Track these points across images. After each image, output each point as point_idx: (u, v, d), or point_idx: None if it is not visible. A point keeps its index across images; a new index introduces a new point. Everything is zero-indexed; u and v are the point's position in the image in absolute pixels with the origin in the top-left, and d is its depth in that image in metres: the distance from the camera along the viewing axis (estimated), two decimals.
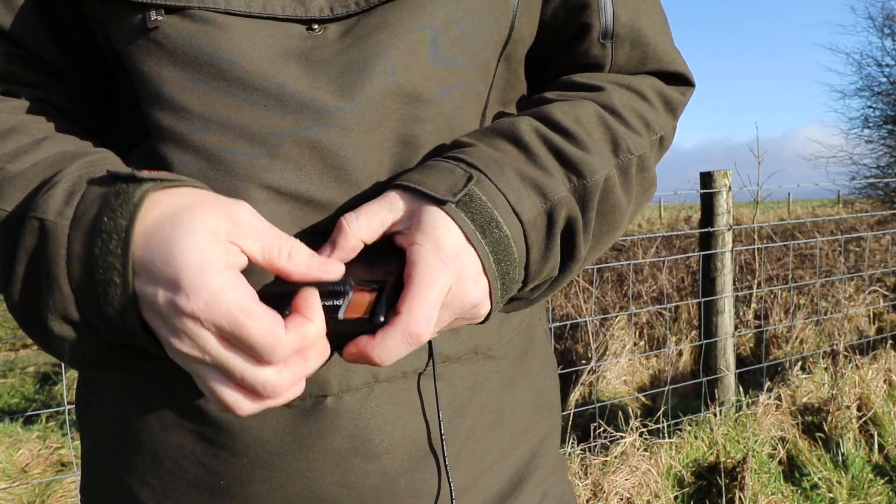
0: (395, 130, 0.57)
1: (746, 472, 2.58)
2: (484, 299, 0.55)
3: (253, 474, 0.60)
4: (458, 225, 0.53)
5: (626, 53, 0.68)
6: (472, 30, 0.60)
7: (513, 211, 0.55)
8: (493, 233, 0.54)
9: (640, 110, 0.67)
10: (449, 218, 0.53)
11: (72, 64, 0.64)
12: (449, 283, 0.51)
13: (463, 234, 0.53)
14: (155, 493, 0.62)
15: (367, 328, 0.49)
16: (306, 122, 0.54)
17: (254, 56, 0.55)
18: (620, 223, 0.64)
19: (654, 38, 0.69)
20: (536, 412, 0.72)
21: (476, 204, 0.54)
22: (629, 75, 0.70)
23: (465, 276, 0.53)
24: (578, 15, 0.66)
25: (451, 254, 0.52)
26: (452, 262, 0.52)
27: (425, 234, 0.52)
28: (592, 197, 0.59)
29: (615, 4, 0.66)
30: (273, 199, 0.54)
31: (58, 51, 0.62)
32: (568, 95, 0.65)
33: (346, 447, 0.60)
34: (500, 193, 0.55)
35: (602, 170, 0.60)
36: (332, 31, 0.57)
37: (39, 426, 3.46)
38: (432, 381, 0.62)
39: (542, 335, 0.78)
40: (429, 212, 0.53)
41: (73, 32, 0.62)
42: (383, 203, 0.54)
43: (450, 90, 0.59)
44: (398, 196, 0.54)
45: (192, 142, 0.55)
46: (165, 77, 0.55)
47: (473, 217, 0.54)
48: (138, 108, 0.60)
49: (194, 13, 0.55)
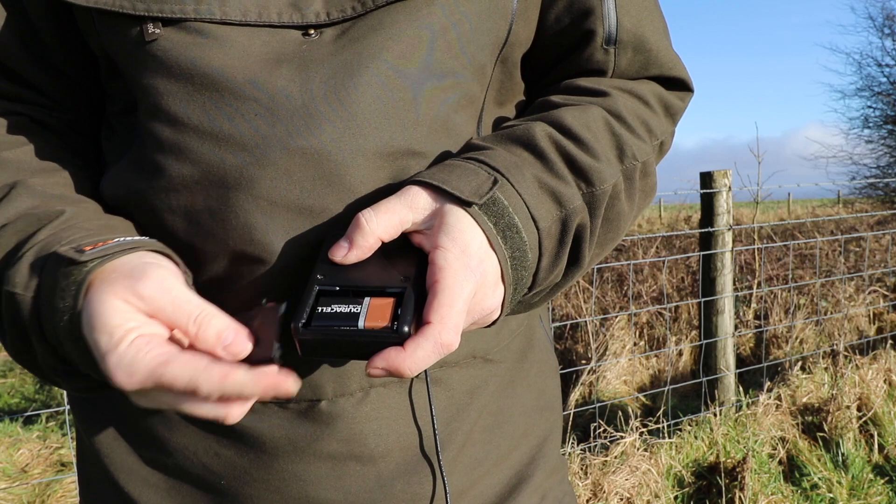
0: (389, 134, 0.56)
1: (746, 472, 2.58)
2: (498, 306, 0.54)
3: (252, 475, 0.60)
4: (481, 229, 0.52)
5: (629, 59, 0.68)
6: (470, 33, 0.60)
7: (531, 217, 0.55)
8: (514, 239, 0.54)
9: (644, 116, 0.67)
10: (473, 221, 0.52)
11: (47, 75, 0.65)
12: (475, 290, 0.51)
13: (486, 238, 0.53)
14: (158, 493, 0.63)
15: (394, 339, 0.48)
16: (297, 130, 0.54)
17: (247, 66, 0.55)
18: (622, 229, 0.64)
19: (656, 45, 0.69)
20: (536, 414, 0.72)
21: (498, 208, 0.54)
22: (630, 80, 0.70)
23: (486, 282, 0.52)
24: (582, 21, 0.66)
25: (476, 259, 0.51)
26: (478, 269, 0.51)
27: (451, 238, 0.51)
28: (600, 205, 0.59)
29: (619, 11, 0.66)
30: (265, 209, 0.54)
31: (32, 62, 0.63)
32: (574, 100, 0.65)
33: (341, 451, 0.60)
34: (520, 199, 0.55)
35: (610, 178, 0.60)
36: (327, 35, 0.57)
37: (39, 426, 3.46)
38: (426, 386, 0.62)
39: (543, 336, 0.77)
40: (453, 213, 0.52)
41: (50, 44, 0.63)
42: (403, 200, 0.53)
43: (445, 93, 0.59)
44: (419, 193, 0.53)
45: (189, 153, 0.55)
46: (162, 89, 0.56)
47: (496, 221, 0.53)
48: (131, 114, 0.61)
49: (190, 25, 0.55)
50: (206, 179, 0.55)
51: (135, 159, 0.60)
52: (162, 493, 0.63)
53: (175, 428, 0.62)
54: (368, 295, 0.50)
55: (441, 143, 0.59)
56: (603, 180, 0.59)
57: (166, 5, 0.55)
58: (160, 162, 0.56)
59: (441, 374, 0.63)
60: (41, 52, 0.63)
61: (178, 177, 0.56)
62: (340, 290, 0.50)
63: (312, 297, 0.50)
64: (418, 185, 0.54)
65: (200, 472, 0.61)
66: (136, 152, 0.59)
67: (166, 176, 0.56)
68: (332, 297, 0.50)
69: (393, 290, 0.50)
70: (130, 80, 0.58)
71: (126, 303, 0.48)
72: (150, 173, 0.57)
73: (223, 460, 0.61)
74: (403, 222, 0.53)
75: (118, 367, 0.47)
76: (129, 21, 0.56)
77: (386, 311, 0.49)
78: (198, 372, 0.47)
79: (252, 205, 0.54)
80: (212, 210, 0.56)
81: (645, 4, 0.69)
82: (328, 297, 0.51)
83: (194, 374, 0.47)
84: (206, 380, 0.47)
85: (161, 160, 0.56)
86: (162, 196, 0.57)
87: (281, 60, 0.55)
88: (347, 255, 0.52)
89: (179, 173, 0.56)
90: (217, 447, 0.61)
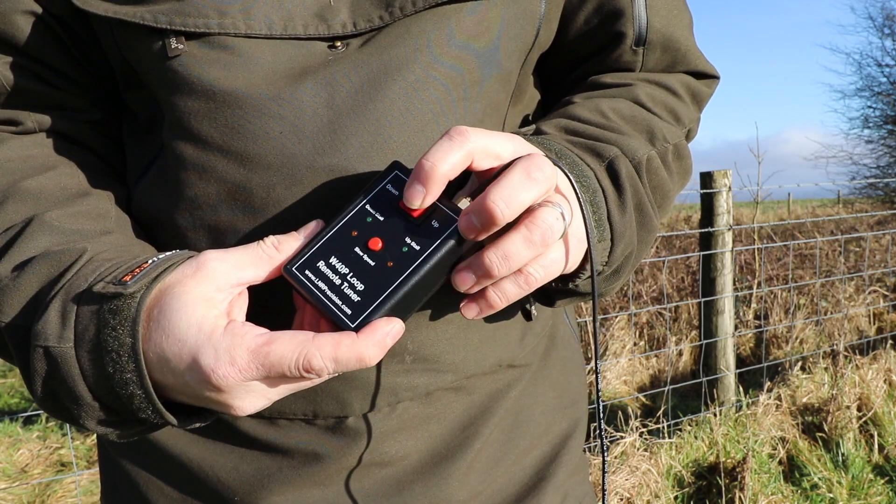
0: (417, 148, 0.55)
1: (746, 472, 2.58)
2: (583, 233, 0.51)
3: (270, 489, 0.59)
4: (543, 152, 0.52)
5: (657, 58, 0.68)
6: (499, 40, 0.58)
7: (580, 158, 0.55)
8: (570, 160, 0.54)
9: (671, 104, 0.67)
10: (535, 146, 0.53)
11: (84, 80, 0.62)
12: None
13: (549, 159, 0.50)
14: (172, 503, 0.62)
15: (346, 326, 0.47)
16: (322, 147, 0.53)
17: (271, 82, 0.53)
18: (668, 201, 0.63)
19: (684, 43, 0.69)
20: (559, 412, 0.72)
21: (545, 143, 0.54)
22: (659, 73, 0.70)
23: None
24: (612, 23, 0.65)
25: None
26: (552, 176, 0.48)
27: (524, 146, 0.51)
28: (641, 170, 0.58)
29: (649, 11, 0.65)
30: (291, 228, 0.53)
31: (67, 61, 0.61)
32: (598, 94, 0.65)
33: (364, 460, 0.60)
34: (561, 145, 0.55)
35: (642, 150, 0.59)
36: (352, 45, 0.56)
37: (39, 426, 3.46)
38: (450, 394, 0.62)
39: (567, 333, 0.76)
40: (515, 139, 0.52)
41: (78, 55, 0.61)
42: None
43: (472, 103, 0.58)
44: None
45: (213, 172, 0.54)
46: (184, 107, 0.54)
47: (549, 154, 0.53)
48: (153, 129, 0.60)
49: (214, 39, 0.53)
50: (232, 199, 0.54)
51: (160, 175, 0.59)
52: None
53: (195, 441, 0.61)
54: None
55: None
56: (635, 150, 0.58)
57: (189, 18, 0.53)
58: (184, 180, 0.55)
59: (466, 383, 0.63)
60: (76, 60, 0.61)
61: (202, 195, 0.55)
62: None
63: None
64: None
65: (215, 486, 0.61)
66: (161, 168, 0.58)
67: (190, 194, 0.55)
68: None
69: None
70: (154, 93, 0.57)
71: (203, 296, 0.45)
72: (173, 191, 0.56)
73: (240, 476, 0.60)
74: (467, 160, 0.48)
75: (217, 358, 0.44)
76: (150, 34, 0.54)
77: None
78: (306, 345, 0.44)
79: (279, 225, 0.53)
80: (237, 229, 0.55)
81: (675, 3, 0.68)
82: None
83: (303, 349, 0.44)
84: (317, 352, 0.44)
85: (184, 178, 0.55)
86: (186, 214, 0.56)
87: (306, 74, 0.54)
88: (425, 200, 0.47)
89: (204, 192, 0.55)
90: (238, 462, 0.60)
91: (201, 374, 0.44)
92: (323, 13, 0.55)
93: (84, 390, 0.47)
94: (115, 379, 0.46)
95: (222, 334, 0.45)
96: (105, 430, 0.50)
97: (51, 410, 0.50)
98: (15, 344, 0.51)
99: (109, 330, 0.46)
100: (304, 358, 0.44)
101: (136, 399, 0.46)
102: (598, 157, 0.56)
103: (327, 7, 0.55)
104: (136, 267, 0.48)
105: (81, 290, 0.48)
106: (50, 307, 0.48)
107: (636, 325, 4.40)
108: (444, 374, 0.60)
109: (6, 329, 0.51)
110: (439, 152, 0.46)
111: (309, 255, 0.49)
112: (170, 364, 0.46)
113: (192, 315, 0.45)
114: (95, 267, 0.50)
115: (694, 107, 0.71)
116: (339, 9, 0.55)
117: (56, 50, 0.60)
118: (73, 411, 0.49)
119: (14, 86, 0.59)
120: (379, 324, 0.46)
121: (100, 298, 0.47)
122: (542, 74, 0.72)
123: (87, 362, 0.47)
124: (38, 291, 0.51)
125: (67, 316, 0.47)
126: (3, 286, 0.51)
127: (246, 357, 0.44)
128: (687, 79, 0.71)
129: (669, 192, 0.62)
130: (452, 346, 0.60)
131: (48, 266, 0.51)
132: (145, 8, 0.53)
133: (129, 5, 0.54)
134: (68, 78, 0.61)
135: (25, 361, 0.50)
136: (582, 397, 0.76)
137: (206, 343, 0.44)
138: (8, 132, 0.61)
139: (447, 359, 0.60)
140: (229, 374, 0.44)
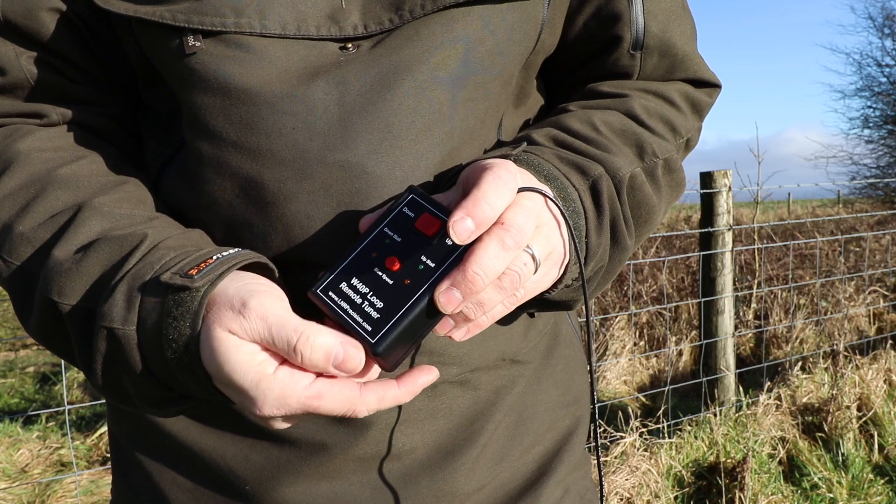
0: (424, 146, 0.56)
1: (746, 472, 2.58)
2: (559, 246, 0.53)
3: (280, 480, 0.61)
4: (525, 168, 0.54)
5: (655, 63, 0.69)
6: (503, 44, 0.60)
7: (564, 175, 0.56)
8: (555, 181, 0.55)
9: (667, 115, 0.68)
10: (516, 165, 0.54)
11: (103, 76, 0.64)
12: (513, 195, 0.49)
13: (531, 175, 0.54)
14: (184, 493, 0.63)
15: (368, 346, 0.49)
16: (333, 144, 0.54)
17: (285, 80, 0.55)
18: (653, 218, 0.64)
19: (682, 49, 0.69)
20: (562, 409, 0.73)
21: (532, 162, 0.56)
22: (657, 81, 0.70)
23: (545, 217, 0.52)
24: (610, 27, 0.66)
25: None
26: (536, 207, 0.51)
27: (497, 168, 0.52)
28: (621, 188, 0.59)
29: (646, 16, 0.66)
30: (303, 223, 0.55)
31: (93, 64, 0.63)
32: (593, 104, 0.66)
33: (371, 452, 0.61)
34: (548, 163, 0.56)
35: (625, 167, 0.60)
36: (363, 46, 0.57)
37: (39, 426, 3.46)
38: (455, 388, 0.63)
39: (569, 332, 0.77)
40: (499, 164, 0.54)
41: (98, 52, 0.63)
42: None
43: (476, 103, 0.59)
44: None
45: (227, 167, 0.56)
46: (200, 103, 0.56)
47: (534, 172, 0.55)
48: (172, 125, 0.61)
49: (230, 37, 0.55)
50: (245, 194, 0.56)
51: (181, 171, 0.60)
52: (187, 494, 0.63)
53: (206, 431, 0.62)
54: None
55: (468, 153, 0.60)
56: (618, 168, 0.59)
57: (206, 17, 0.55)
58: (200, 175, 0.57)
59: (470, 376, 0.64)
60: (99, 56, 0.63)
61: (218, 190, 0.57)
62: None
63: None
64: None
65: (226, 476, 0.62)
66: (181, 164, 0.60)
67: (207, 189, 0.57)
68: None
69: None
70: (173, 90, 0.59)
71: (239, 337, 0.47)
72: (191, 186, 0.58)
73: (251, 465, 0.61)
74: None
75: (265, 402, 0.46)
76: (169, 32, 0.56)
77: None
78: (353, 402, 0.47)
79: (290, 219, 0.55)
80: (251, 224, 0.56)
81: (673, 8, 0.68)
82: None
83: (350, 405, 0.47)
84: (364, 407, 0.48)
85: (201, 173, 0.57)
86: (203, 209, 0.58)
87: (318, 73, 0.56)
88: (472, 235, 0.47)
89: (220, 187, 0.56)
90: (248, 451, 0.61)
91: (248, 404, 0.47)
92: (335, 15, 0.57)
93: (143, 371, 0.51)
94: (172, 364, 0.49)
95: (270, 384, 0.46)
96: (152, 408, 0.54)
97: (106, 388, 0.53)
98: (75, 324, 0.53)
99: (171, 320, 0.48)
100: (352, 412, 0.48)
101: (192, 384, 0.50)
102: (584, 174, 0.58)
103: (339, 9, 0.57)
104: (202, 262, 0.50)
105: (148, 278, 0.50)
106: (116, 291, 0.51)
107: (636, 325, 4.40)
108: (448, 366, 0.61)
109: (71, 312, 0.53)
110: (499, 201, 0.48)
111: (332, 278, 0.52)
112: (219, 380, 0.48)
113: (233, 354, 0.47)
114: (161, 255, 0.52)
115: (693, 116, 0.71)
116: (351, 11, 0.57)
117: (78, 46, 0.62)
118: (128, 389, 0.52)
119: (37, 80, 0.62)
120: (418, 374, 0.50)
121: (166, 288, 0.49)
122: (545, 78, 0.72)
123: (148, 345, 0.49)
124: (102, 275, 0.53)
125: (133, 301, 0.50)
126: (65, 269, 0.53)
127: (295, 407, 0.47)
128: (686, 88, 0.71)
129: (654, 206, 0.63)
130: None
131: (110, 250, 0.53)
132: (164, 7, 0.55)
133: (149, 5, 0.56)
134: (89, 73, 0.64)
135: (87, 340, 0.52)
136: (584, 395, 0.77)
137: (253, 388, 0.46)
138: (34, 124, 0.63)
139: (451, 351, 0.61)
140: (275, 413, 0.47)
